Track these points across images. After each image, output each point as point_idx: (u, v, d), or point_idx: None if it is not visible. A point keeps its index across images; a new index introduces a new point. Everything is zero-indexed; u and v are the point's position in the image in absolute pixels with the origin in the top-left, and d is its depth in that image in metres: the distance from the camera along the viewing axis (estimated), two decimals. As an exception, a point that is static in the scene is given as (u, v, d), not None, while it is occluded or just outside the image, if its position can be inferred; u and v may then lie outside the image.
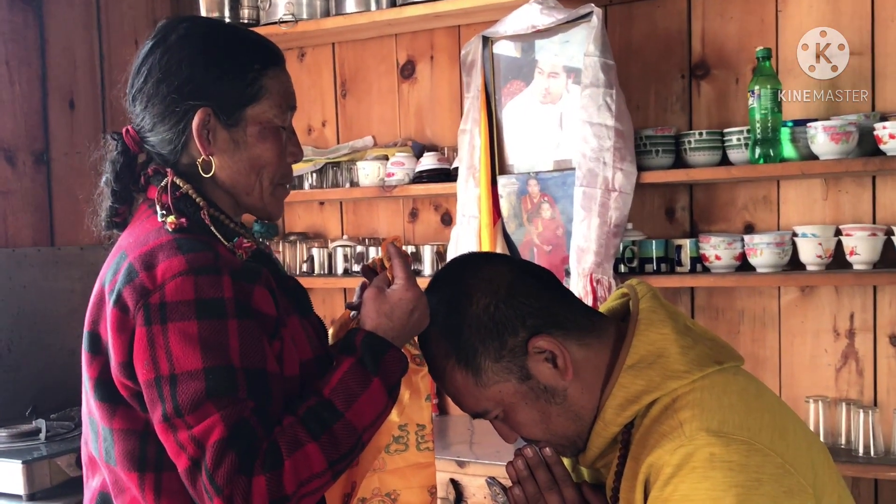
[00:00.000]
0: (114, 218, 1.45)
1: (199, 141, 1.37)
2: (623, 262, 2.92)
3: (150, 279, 1.26)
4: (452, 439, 3.08)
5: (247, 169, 1.41)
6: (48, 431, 2.72)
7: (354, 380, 1.31)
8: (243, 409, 1.22)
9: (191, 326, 1.23)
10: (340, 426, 1.27)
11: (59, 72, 3.34)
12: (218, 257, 1.29)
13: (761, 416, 1.28)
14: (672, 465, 1.22)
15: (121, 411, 1.32)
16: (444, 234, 3.40)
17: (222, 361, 1.23)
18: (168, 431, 1.24)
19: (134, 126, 1.43)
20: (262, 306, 1.30)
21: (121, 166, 1.43)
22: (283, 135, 1.43)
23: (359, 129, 3.62)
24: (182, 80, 1.37)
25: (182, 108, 1.37)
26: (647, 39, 3.08)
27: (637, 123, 2.94)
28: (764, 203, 2.95)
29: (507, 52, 3.07)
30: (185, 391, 1.22)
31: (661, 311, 1.38)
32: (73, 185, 3.31)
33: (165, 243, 1.30)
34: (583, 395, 1.37)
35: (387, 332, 1.36)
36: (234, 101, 1.38)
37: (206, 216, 1.37)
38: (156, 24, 1.45)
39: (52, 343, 3.19)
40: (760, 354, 2.96)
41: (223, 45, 1.41)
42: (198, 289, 1.25)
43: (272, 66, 1.43)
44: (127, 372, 1.28)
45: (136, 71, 1.41)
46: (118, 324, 1.28)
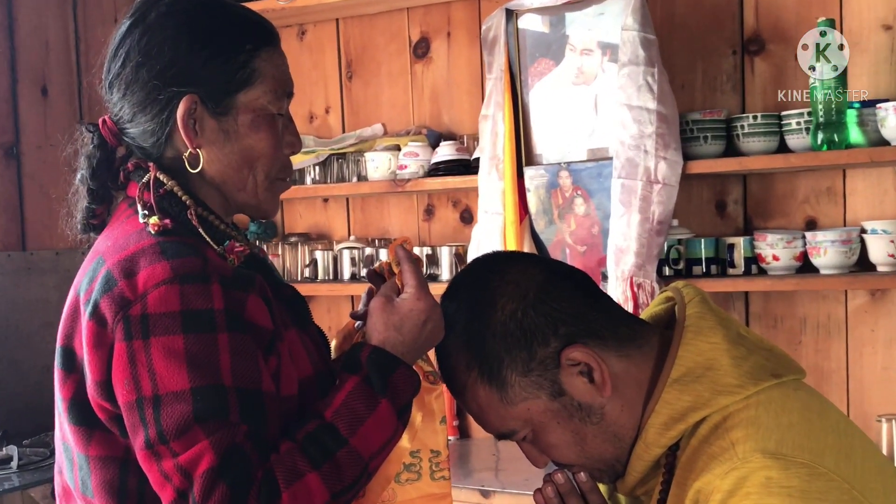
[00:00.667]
0: (90, 220, 1.44)
1: (185, 132, 1.37)
2: (667, 264, 2.92)
3: (130, 288, 1.26)
4: (475, 466, 3.09)
5: (238, 162, 1.40)
6: (20, 459, 2.74)
7: (360, 401, 1.30)
8: (235, 434, 1.22)
9: (176, 341, 1.23)
10: (344, 453, 1.27)
11: (29, 55, 3.37)
12: (207, 263, 1.28)
13: (825, 436, 1.28)
14: (723, 490, 1.22)
15: (98, 436, 1.32)
16: (465, 234, 3.41)
17: (212, 380, 1.23)
18: (151, 460, 1.23)
19: (112, 116, 1.43)
20: (256, 318, 1.30)
21: (97, 161, 1.42)
22: (278, 123, 1.43)
23: (367, 115, 3.63)
24: (164, 63, 1.36)
25: (165, 96, 1.37)
26: (692, 10, 3.08)
27: (682, 106, 2.94)
28: (828, 195, 2.94)
29: (534, 27, 3.08)
30: (170, 414, 1.21)
31: (711, 318, 1.38)
32: (47, 181, 3.34)
33: (147, 247, 1.30)
34: (622, 413, 1.37)
35: (396, 346, 1.36)
36: (223, 86, 1.38)
37: (194, 216, 1.37)
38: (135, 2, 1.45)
39: (24, 360, 3.21)
40: (825, 367, 2.95)
41: (210, 23, 1.40)
42: (184, 299, 1.24)
43: (266, 47, 1.42)
44: (105, 392, 1.27)
45: (113, 54, 1.41)
46: (95, 338, 1.27)
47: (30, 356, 3.23)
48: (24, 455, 2.78)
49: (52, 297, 3.30)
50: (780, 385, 1.34)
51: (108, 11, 3.57)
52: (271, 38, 1.44)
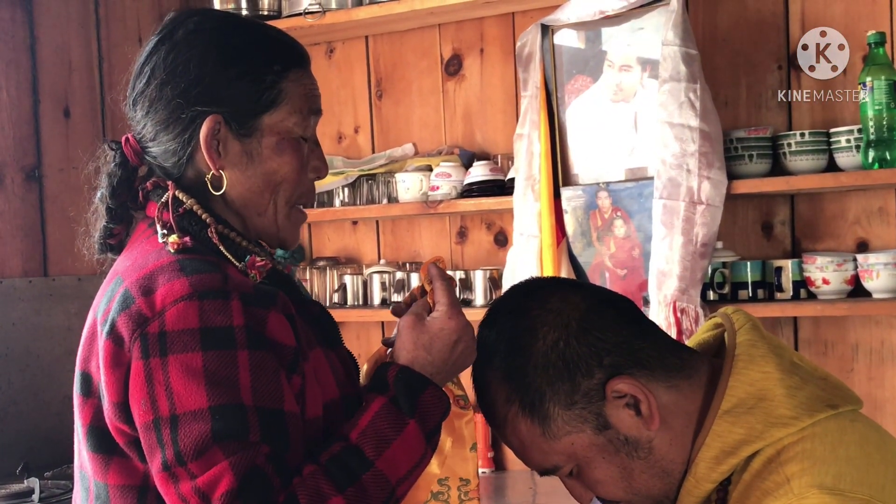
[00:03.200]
0: (108, 239, 1.46)
1: (208, 153, 1.38)
2: (712, 288, 2.90)
3: (148, 305, 1.26)
4: (511, 500, 3.08)
5: (261, 186, 1.41)
6: (42, 492, 2.75)
7: (386, 422, 1.30)
8: (256, 456, 1.22)
9: (195, 359, 1.23)
10: (370, 477, 1.26)
11: (52, 75, 3.41)
12: (227, 279, 1.29)
13: (885, 469, 1.27)
14: (779, 528, 1.21)
15: (116, 463, 1.32)
16: (499, 258, 3.40)
17: (231, 399, 1.23)
18: (168, 482, 1.23)
19: (135, 134, 1.44)
20: (278, 335, 1.30)
21: (118, 180, 1.43)
22: (304, 147, 1.43)
23: (397, 135, 3.65)
24: (189, 82, 1.38)
25: (188, 115, 1.38)
26: (736, 24, 3.08)
27: (726, 124, 2.93)
28: (880, 216, 2.92)
29: (571, 43, 3.08)
30: (188, 434, 1.21)
31: (763, 346, 1.37)
32: (70, 205, 3.35)
33: (166, 265, 1.30)
34: (671, 446, 1.36)
35: (425, 367, 1.35)
36: (248, 107, 1.39)
37: (214, 234, 1.38)
38: (163, 20, 1.47)
39: (45, 389, 3.23)
40: (879, 396, 2.92)
41: (238, 42, 1.41)
42: (203, 315, 1.25)
43: (295, 68, 1.43)
44: (122, 414, 1.28)
45: (139, 71, 1.42)
46: (112, 358, 1.28)
47: (51, 385, 3.24)
48: (45, 487, 2.80)
49: (75, 325, 3.32)
50: (836, 416, 1.33)
51: (131, 30, 3.60)
52: (301, 59, 1.45)
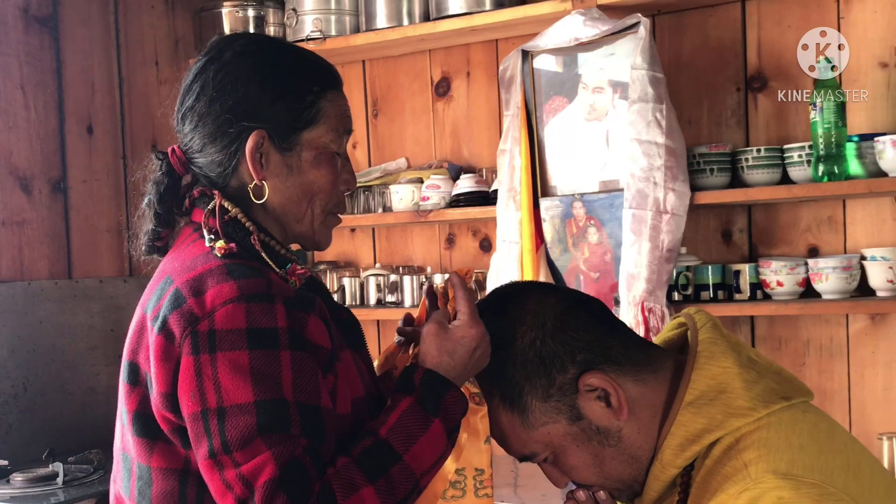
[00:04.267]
0: (155, 242, 1.45)
1: (252, 164, 1.38)
2: (677, 290, 2.90)
3: (198, 305, 1.26)
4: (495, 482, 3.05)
5: (299, 195, 1.41)
6: (66, 475, 2.73)
7: (414, 421, 1.30)
8: (296, 447, 1.21)
9: (242, 356, 1.23)
10: (398, 469, 1.26)
11: (76, 96, 3.39)
12: (271, 284, 1.29)
13: (834, 456, 1.26)
14: (737, 510, 1.20)
15: (160, 448, 1.32)
16: (484, 261, 3.40)
17: (275, 395, 1.22)
18: (214, 469, 1.22)
19: (181, 146, 1.44)
20: (316, 338, 1.29)
21: (165, 187, 1.43)
22: (338, 161, 1.44)
23: (391, 150, 3.64)
24: (237, 99, 1.38)
25: (235, 130, 1.38)
26: (698, 50, 3.07)
27: (689, 140, 2.92)
28: (829, 224, 2.92)
29: (549, 67, 3.08)
30: (235, 426, 1.21)
31: (723, 343, 1.36)
32: (92, 214, 3.35)
33: (215, 268, 1.30)
34: (639, 435, 1.36)
35: (448, 371, 1.35)
36: (290, 124, 1.39)
37: (257, 241, 1.38)
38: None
39: (69, 382, 3.21)
40: (828, 388, 2.91)
41: (281, 64, 1.42)
42: (249, 317, 1.24)
43: (331, 90, 1.43)
44: (170, 404, 1.27)
45: (188, 88, 1.42)
46: (163, 352, 1.27)
47: (75, 378, 3.23)
48: (69, 471, 2.78)
49: (97, 323, 3.31)
50: (789, 407, 1.32)
51: (149, 55, 3.59)
52: (336, 81, 1.46)
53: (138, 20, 3.58)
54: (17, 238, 3.19)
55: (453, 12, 3.18)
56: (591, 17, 2.91)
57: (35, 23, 3.28)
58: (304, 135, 1.40)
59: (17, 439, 3.05)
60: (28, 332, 3.12)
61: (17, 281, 3.15)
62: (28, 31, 3.26)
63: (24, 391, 3.10)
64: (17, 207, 3.20)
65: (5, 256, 3.16)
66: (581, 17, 2.92)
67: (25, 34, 3.25)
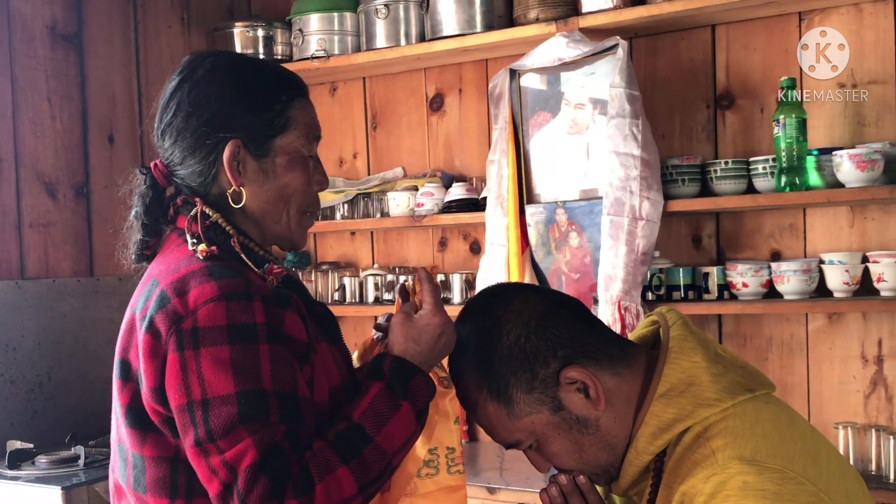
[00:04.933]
0: (144, 251, 1.45)
1: (230, 172, 1.38)
2: (650, 290, 2.90)
3: (182, 305, 1.26)
4: (482, 466, 3.07)
5: (275, 198, 1.41)
6: (87, 458, 2.73)
7: (383, 404, 1.30)
8: (275, 434, 1.21)
9: (223, 351, 1.23)
10: (370, 450, 1.26)
11: (98, 107, 3.39)
12: (249, 284, 1.28)
13: (794, 443, 1.27)
14: (705, 493, 1.20)
15: (151, 438, 1.31)
16: (473, 263, 3.40)
17: (254, 386, 1.22)
18: (200, 456, 1.23)
19: (163, 160, 1.43)
20: (293, 332, 1.29)
21: (150, 200, 1.43)
22: (310, 164, 1.44)
23: (389, 160, 3.64)
24: (211, 113, 1.37)
25: (212, 141, 1.37)
26: (671, 71, 3.08)
27: (663, 153, 2.93)
28: (790, 231, 2.93)
29: (534, 85, 3.08)
30: (218, 416, 1.21)
31: (692, 339, 1.37)
32: (112, 217, 3.34)
33: (197, 270, 1.30)
34: (615, 424, 1.36)
35: (414, 356, 1.36)
36: (262, 132, 1.39)
37: (237, 244, 1.37)
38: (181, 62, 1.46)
39: (90, 371, 3.21)
40: (788, 381, 2.92)
41: (250, 78, 1.42)
42: (230, 314, 1.24)
43: (298, 98, 1.43)
44: (158, 397, 1.27)
45: (165, 106, 1.42)
46: (150, 349, 1.27)
47: (95, 368, 3.22)
48: (89, 454, 2.77)
49: (116, 318, 3.27)
50: (753, 398, 1.33)
51: (166, 70, 3.56)
52: (302, 90, 1.46)
53: (157, 38, 3.58)
54: (43, 239, 3.18)
55: (447, 34, 3.18)
56: (574, 40, 2.92)
57: (61, 40, 3.27)
58: (276, 141, 1.40)
59: (42, 424, 3.04)
60: (53, 325, 3.11)
61: (42, 279, 3.14)
62: (54, 47, 3.25)
63: (49, 380, 3.09)
64: (44, 210, 3.19)
65: (32, 256, 3.15)
66: (564, 39, 2.93)
67: (52, 50, 3.25)
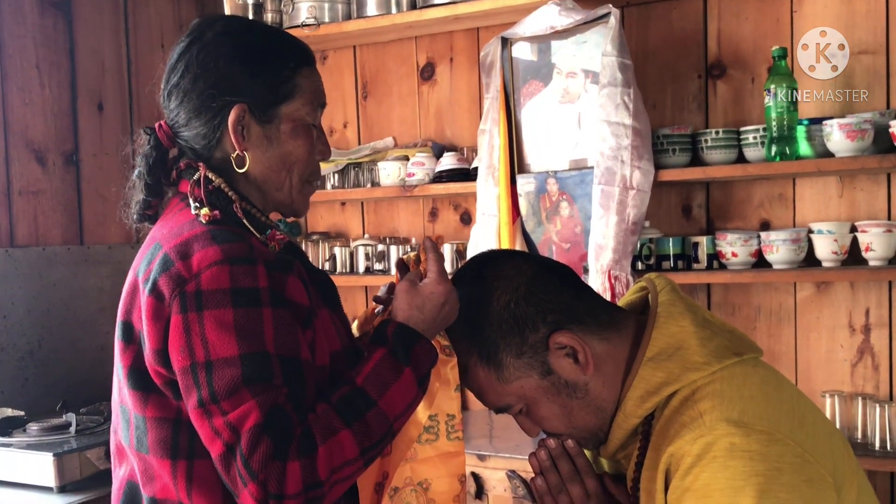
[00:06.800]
0: (146, 211, 1.45)
1: (234, 136, 1.38)
2: (640, 260, 2.91)
3: (185, 268, 1.26)
4: (473, 433, 3.08)
5: (278, 165, 1.41)
6: (78, 425, 2.73)
7: (386, 369, 1.31)
8: (278, 396, 1.22)
9: (227, 314, 1.23)
10: (373, 414, 1.27)
11: (88, 75, 3.36)
12: (252, 248, 1.29)
13: (781, 406, 1.27)
14: (692, 454, 1.21)
15: (154, 399, 1.32)
16: (464, 233, 3.40)
17: (258, 349, 1.23)
18: (203, 417, 1.23)
19: (168, 121, 1.43)
20: (295, 296, 1.30)
21: (153, 160, 1.43)
22: (314, 132, 1.44)
23: (380, 130, 3.62)
24: (219, 76, 1.37)
25: (218, 104, 1.37)
26: (663, 40, 3.07)
27: (654, 122, 2.93)
28: (780, 200, 2.93)
29: (526, 53, 3.07)
30: (221, 377, 1.21)
31: (680, 304, 1.37)
32: (102, 185, 3.33)
33: (200, 234, 1.30)
34: (604, 388, 1.37)
35: (417, 324, 1.36)
36: (268, 98, 1.39)
37: (239, 209, 1.38)
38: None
39: (81, 339, 3.21)
40: (776, 350, 2.94)
41: (259, 43, 1.41)
42: (233, 278, 1.25)
43: (305, 66, 1.43)
44: (161, 359, 1.27)
45: (172, 67, 1.41)
46: (153, 312, 1.27)
47: (86, 336, 3.22)
48: (81, 421, 2.77)
49: (106, 286, 3.30)
50: (741, 362, 1.34)
51: (155, 37, 3.56)
52: (310, 58, 1.46)
53: (146, 5, 3.55)
54: (32, 207, 3.17)
55: (438, 1, 3.16)
56: (566, 8, 2.90)
57: (50, 7, 3.24)
58: (282, 108, 1.40)
59: (33, 392, 3.04)
60: (43, 293, 3.10)
61: (32, 247, 3.13)
62: (43, 14, 3.22)
63: (39, 348, 3.09)
64: (33, 178, 3.17)
65: (22, 224, 3.14)
66: (556, 7, 2.91)
67: (41, 17, 3.22)
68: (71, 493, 2.46)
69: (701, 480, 1.20)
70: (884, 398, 2.76)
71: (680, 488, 1.22)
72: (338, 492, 1.26)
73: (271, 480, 1.18)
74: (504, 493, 2.73)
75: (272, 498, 1.19)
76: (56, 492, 2.46)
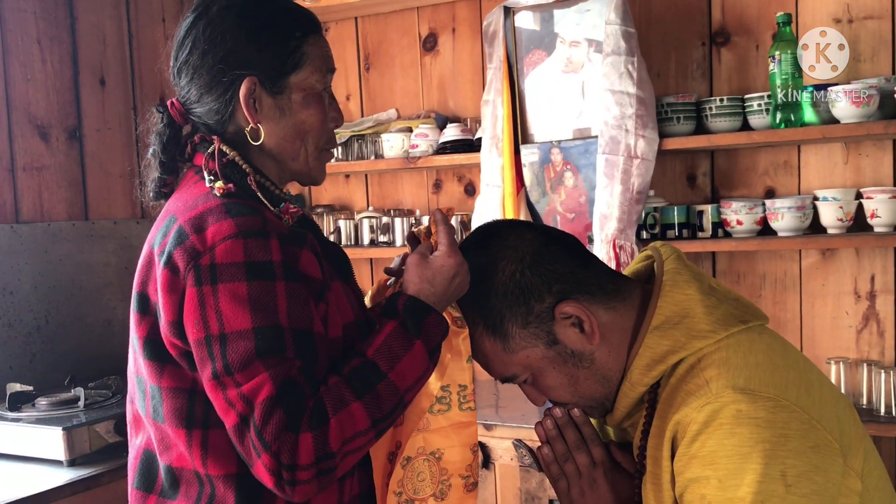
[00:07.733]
0: (162, 188, 1.45)
1: (247, 109, 1.38)
2: (645, 229, 2.90)
3: (200, 241, 1.26)
4: (480, 403, 3.09)
5: (292, 135, 1.41)
6: (87, 399, 2.74)
7: (397, 342, 1.31)
8: (291, 368, 1.23)
9: (240, 287, 1.23)
10: (384, 386, 1.28)
11: (89, 49, 3.35)
12: (266, 222, 1.29)
13: (787, 373, 1.27)
14: (699, 422, 1.21)
15: (169, 370, 1.33)
16: (468, 205, 3.39)
17: (271, 321, 1.23)
18: (217, 389, 1.24)
19: (179, 98, 1.43)
20: (308, 270, 1.30)
21: (167, 138, 1.43)
22: (325, 100, 1.44)
23: (382, 102, 3.61)
24: (227, 50, 1.37)
25: (228, 78, 1.37)
26: (667, 7, 3.05)
27: (658, 91, 2.91)
28: (785, 168, 2.92)
29: (529, 23, 3.05)
30: (235, 350, 1.22)
31: (686, 272, 1.37)
32: (106, 160, 3.32)
33: (214, 207, 1.30)
34: (610, 357, 1.37)
35: (428, 297, 1.36)
36: (278, 69, 1.39)
37: (253, 182, 1.38)
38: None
39: (87, 314, 3.21)
40: (782, 317, 2.94)
41: (264, 14, 1.41)
42: (247, 251, 1.25)
43: (312, 34, 1.43)
44: (177, 331, 1.28)
45: (180, 44, 1.41)
46: (169, 284, 1.28)
47: (93, 311, 3.23)
48: (89, 396, 2.78)
49: (111, 261, 3.30)
50: (747, 330, 1.33)
51: (156, 13, 3.54)
52: (316, 26, 1.46)
53: (146, -21, 3.53)
54: (36, 182, 3.16)
55: (440, -29, 3.14)
56: (568, -24, 2.88)
57: (49, -19, 3.22)
58: (291, 78, 1.40)
59: (41, 367, 3.05)
60: (49, 269, 3.11)
61: (37, 222, 3.13)
62: (43, -11, 3.20)
63: (47, 323, 3.09)
64: (37, 154, 3.17)
65: (26, 199, 3.13)
66: (558, -25, 2.89)
67: (40, -8, 3.20)
68: (81, 466, 2.47)
69: (707, 447, 1.20)
70: (889, 364, 2.76)
71: (686, 455, 1.22)
72: (350, 462, 1.27)
73: (284, 451, 1.19)
74: (511, 462, 2.74)
75: (285, 469, 1.20)
76: (66, 465, 2.47)
